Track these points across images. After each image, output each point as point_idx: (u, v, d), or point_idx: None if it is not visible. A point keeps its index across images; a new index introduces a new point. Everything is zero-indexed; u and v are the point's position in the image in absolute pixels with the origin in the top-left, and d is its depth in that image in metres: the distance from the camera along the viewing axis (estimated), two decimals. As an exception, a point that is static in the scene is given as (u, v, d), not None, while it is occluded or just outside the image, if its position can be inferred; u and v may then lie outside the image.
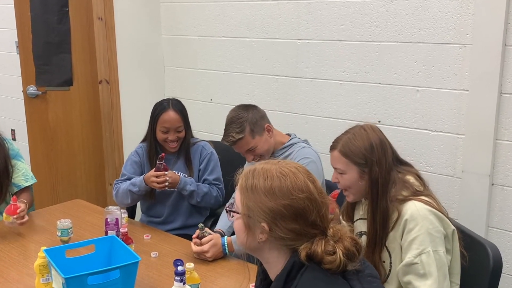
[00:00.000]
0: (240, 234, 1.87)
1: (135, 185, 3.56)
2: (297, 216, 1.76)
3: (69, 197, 4.50)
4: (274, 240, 1.80)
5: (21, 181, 3.63)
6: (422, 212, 2.46)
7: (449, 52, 3.45)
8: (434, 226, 2.46)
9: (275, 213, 1.77)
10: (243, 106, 3.42)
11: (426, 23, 3.50)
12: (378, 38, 3.73)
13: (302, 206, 1.76)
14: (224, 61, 4.69)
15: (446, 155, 3.56)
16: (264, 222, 1.78)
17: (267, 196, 1.78)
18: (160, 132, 3.63)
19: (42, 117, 4.99)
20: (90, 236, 3.24)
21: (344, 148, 2.62)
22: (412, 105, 3.64)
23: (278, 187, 1.78)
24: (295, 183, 1.79)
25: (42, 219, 3.62)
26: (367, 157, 2.56)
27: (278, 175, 1.80)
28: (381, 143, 2.61)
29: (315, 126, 4.13)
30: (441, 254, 2.45)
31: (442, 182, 3.57)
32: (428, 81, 3.56)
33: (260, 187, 1.80)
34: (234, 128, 3.29)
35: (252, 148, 3.30)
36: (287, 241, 1.78)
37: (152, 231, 3.44)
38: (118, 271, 2.46)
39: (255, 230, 1.82)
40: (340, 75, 3.96)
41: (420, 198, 2.52)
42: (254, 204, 1.80)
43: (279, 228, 1.77)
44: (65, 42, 4.85)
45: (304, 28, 4.10)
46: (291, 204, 1.76)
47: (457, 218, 3.39)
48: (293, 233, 1.77)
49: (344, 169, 2.62)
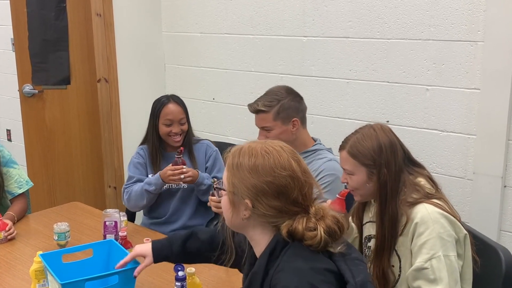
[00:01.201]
0: (226, 211, 1.98)
1: (151, 184, 3.58)
2: (279, 193, 1.87)
3: (66, 200, 4.49)
4: (257, 217, 1.91)
5: (14, 188, 3.64)
6: (433, 216, 2.45)
7: (460, 50, 3.45)
8: (446, 230, 2.45)
9: (257, 190, 1.88)
10: (289, 89, 3.40)
11: (436, 19, 3.51)
12: (387, 35, 3.74)
13: (284, 183, 1.87)
14: (227, 59, 4.70)
15: (456, 156, 3.56)
16: (248, 198, 1.89)
17: (250, 173, 1.89)
18: (164, 126, 3.67)
19: (39, 117, 5.00)
20: (88, 240, 3.25)
21: (352, 148, 2.61)
22: (422, 105, 3.65)
23: (261, 165, 1.89)
24: (278, 161, 1.89)
25: (38, 222, 3.62)
26: (375, 158, 2.56)
27: (263, 153, 1.91)
28: (391, 144, 2.60)
29: (321, 126, 4.14)
30: (452, 259, 2.44)
31: (453, 184, 3.57)
32: (438, 80, 3.56)
33: (245, 164, 1.91)
34: (265, 100, 3.30)
35: (268, 128, 3.28)
36: (269, 218, 1.90)
37: (153, 234, 3.44)
38: (117, 276, 2.46)
39: (240, 207, 1.93)
40: (347, 73, 3.97)
41: (431, 201, 2.51)
42: (239, 181, 1.91)
43: (261, 205, 1.88)
44: (62, 39, 4.85)
45: (310, 25, 4.11)
46: (273, 181, 1.87)
47: (468, 222, 3.38)
48: (275, 210, 1.88)
49: (352, 170, 2.62)
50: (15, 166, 3.69)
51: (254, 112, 3.33)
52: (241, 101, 4.51)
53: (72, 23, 4.84)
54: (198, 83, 4.96)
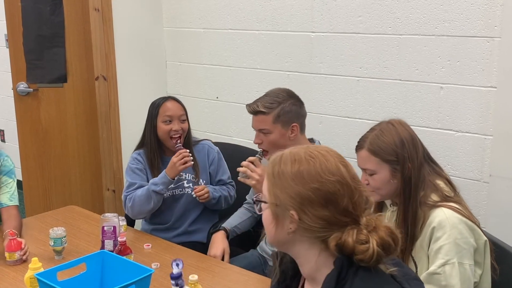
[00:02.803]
0: (268, 227, 1.86)
1: (157, 184, 3.55)
2: (327, 201, 1.75)
3: (63, 203, 4.51)
4: (304, 231, 1.78)
5: (4, 199, 3.50)
6: (451, 221, 2.46)
7: (475, 46, 3.46)
8: (463, 236, 2.46)
9: (303, 199, 1.75)
10: (291, 92, 3.42)
11: (451, 14, 3.52)
12: (399, 30, 3.75)
13: (332, 190, 1.75)
14: (231, 56, 4.72)
15: (472, 158, 3.57)
16: (293, 209, 1.76)
17: (294, 180, 1.77)
18: (163, 124, 3.67)
19: (34, 116, 5.02)
20: (85, 246, 3.28)
21: (372, 145, 2.62)
22: (436, 104, 3.66)
23: (306, 170, 1.77)
24: (325, 165, 1.78)
25: (33, 227, 3.63)
26: (398, 153, 2.57)
27: (307, 158, 1.80)
28: (412, 138, 2.62)
29: (330, 127, 4.16)
30: (467, 268, 2.45)
31: (468, 187, 3.57)
32: (452, 78, 3.57)
33: (287, 172, 1.79)
34: (265, 101, 3.32)
35: (265, 131, 3.31)
36: (317, 231, 1.76)
37: (153, 240, 3.46)
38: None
39: (284, 220, 1.80)
40: (357, 71, 3.98)
41: (450, 205, 2.52)
42: (282, 190, 1.79)
43: (308, 216, 1.75)
44: (58, 35, 4.87)
45: (318, 20, 4.12)
46: (320, 188, 1.75)
47: (485, 227, 3.36)
48: (323, 221, 1.75)
49: (375, 169, 2.62)
50: (15, 178, 3.63)
51: (252, 113, 3.36)
52: (246, 100, 4.48)
53: (69, 18, 4.86)
54: (201, 81, 4.98)
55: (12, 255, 3.10)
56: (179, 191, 3.73)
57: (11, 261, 3.10)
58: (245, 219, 3.64)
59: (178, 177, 3.66)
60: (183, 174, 3.69)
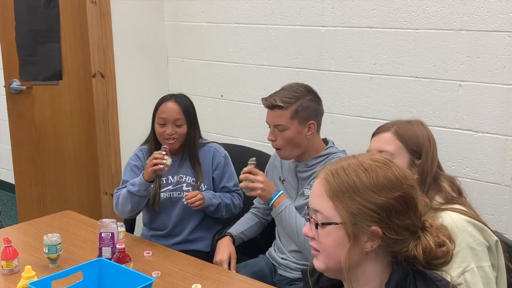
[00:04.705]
0: (339, 251, 1.77)
1: (134, 185, 3.58)
2: (409, 208, 1.75)
3: (58, 208, 4.49)
4: (383, 247, 1.76)
5: None
6: (459, 224, 2.47)
7: (496, 41, 3.47)
8: (475, 238, 2.47)
9: (389, 210, 1.73)
10: (309, 88, 3.41)
11: (470, 7, 3.53)
12: (415, 24, 3.76)
13: (412, 195, 1.76)
14: (237, 52, 4.74)
15: (493, 160, 3.58)
16: (375, 224, 1.73)
17: (374, 191, 1.74)
18: (158, 126, 3.69)
19: (27, 116, 5.04)
20: (81, 253, 3.29)
21: (400, 129, 2.66)
22: (454, 103, 3.67)
23: (386, 178, 1.75)
24: (398, 171, 1.78)
25: (26, 234, 3.64)
26: (423, 147, 2.62)
27: (378, 165, 1.78)
28: (435, 142, 2.67)
29: (342, 127, 4.17)
30: (487, 270, 2.46)
31: (489, 190, 3.59)
32: (472, 75, 3.58)
33: (364, 182, 1.75)
34: (283, 95, 3.30)
35: (282, 127, 3.29)
36: (399, 244, 1.75)
37: (154, 247, 3.48)
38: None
39: (361, 239, 1.75)
40: (370, 67, 4.00)
41: (454, 207, 2.53)
42: (359, 206, 1.73)
43: (391, 228, 1.73)
44: (53, 30, 4.88)
45: (329, 13, 4.14)
46: (403, 195, 1.75)
47: (506, 233, 3.40)
48: (406, 231, 1.75)
49: (394, 152, 2.64)
50: None
51: (269, 108, 3.33)
52: (253, 98, 4.54)
53: (64, 12, 4.87)
54: (204, 79, 5.00)
55: (10, 264, 3.10)
56: (177, 194, 3.75)
57: (8, 270, 3.10)
58: (252, 224, 3.65)
59: (178, 179, 3.69)
60: (183, 177, 3.71)
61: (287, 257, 3.46)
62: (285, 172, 3.50)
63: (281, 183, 3.49)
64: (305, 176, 3.37)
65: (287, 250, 3.47)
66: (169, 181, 3.75)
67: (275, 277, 3.51)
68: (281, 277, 3.47)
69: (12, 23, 4.88)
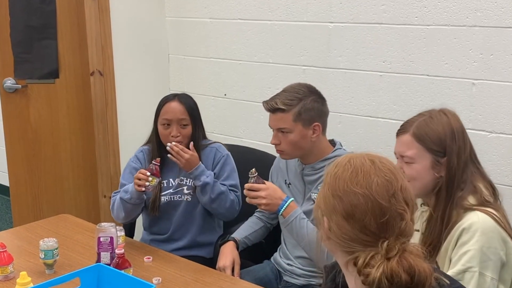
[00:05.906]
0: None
1: (127, 192, 3.58)
2: (348, 214, 1.76)
3: (54, 212, 4.51)
4: (335, 242, 1.82)
5: None
6: (483, 225, 2.47)
7: (511, 38, 3.47)
8: (492, 246, 2.47)
9: (328, 205, 1.82)
10: (312, 88, 3.41)
11: (484, 2, 3.53)
12: (426, 20, 3.76)
13: (354, 203, 1.76)
14: (241, 49, 4.74)
15: (507, 161, 3.58)
16: (323, 215, 1.84)
17: (329, 184, 1.85)
18: (162, 127, 3.69)
19: (22, 115, 5.04)
20: (79, 259, 3.30)
21: (419, 130, 2.65)
22: (467, 102, 3.67)
23: (339, 177, 1.83)
24: (356, 175, 1.80)
25: (22, 238, 3.66)
26: (446, 144, 2.61)
27: (346, 163, 1.86)
28: (463, 132, 2.66)
29: (350, 127, 4.17)
30: (487, 280, 2.46)
31: (503, 193, 3.53)
32: (486, 73, 3.58)
33: (328, 173, 1.89)
34: (284, 97, 3.30)
35: (285, 130, 3.29)
36: (343, 245, 1.80)
37: (154, 252, 3.48)
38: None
39: (321, 226, 1.87)
40: (380, 65, 4.00)
41: (486, 209, 2.53)
42: (320, 192, 1.89)
43: (333, 226, 1.80)
44: (49, 26, 4.88)
45: (337, 9, 4.14)
46: (342, 198, 1.78)
47: (521, 238, 3.40)
48: (346, 235, 1.77)
49: (415, 156, 2.65)
50: None
51: (270, 111, 3.33)
52: (257, 97, 4.54)
53: (61, 7, 4.87)
54: (207, 77, 5.00)
55: (5, 269, 3.11)
56: (178, 197, 3.76)
57: (2, 276, 3.11)
58: (256, 229, 3.65)
59: (179, 182, 3.70)
60: (184, 179, 3.71)
61: (293, 263, 3.47)
62: (291, 175, 3.50)
63: (287, 187, 3.48)
64: (312, 179, 3.37)
65: (293, 256, 3.47)
66: (170, 184, 3.76)
67: (281, 284, 3.51)
68: (287, 284, 3.47)
69: (6, 19, 4.88)
